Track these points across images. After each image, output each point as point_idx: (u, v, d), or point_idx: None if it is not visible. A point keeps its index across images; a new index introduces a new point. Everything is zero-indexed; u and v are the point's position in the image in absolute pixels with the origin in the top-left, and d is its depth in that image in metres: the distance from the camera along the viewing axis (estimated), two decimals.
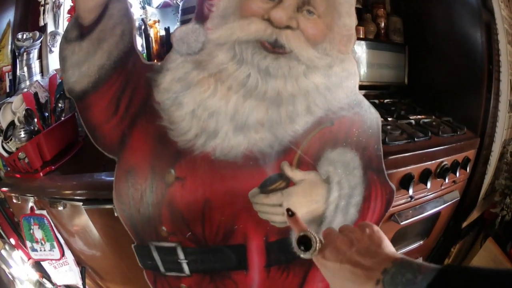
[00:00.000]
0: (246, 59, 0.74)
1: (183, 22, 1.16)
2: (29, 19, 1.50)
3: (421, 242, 1.25)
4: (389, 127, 1.10)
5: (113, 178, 0.81)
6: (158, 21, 1.21)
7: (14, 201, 1.10)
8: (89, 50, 0.79)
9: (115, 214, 0.84)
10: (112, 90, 0.78)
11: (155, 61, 1.15)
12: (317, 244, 0.55)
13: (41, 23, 1.48)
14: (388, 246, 0.52)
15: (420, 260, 0.46)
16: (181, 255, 0.82)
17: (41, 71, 1.47)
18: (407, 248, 1.21)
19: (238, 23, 0.74)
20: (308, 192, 0.78)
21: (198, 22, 0.75)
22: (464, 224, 1.33)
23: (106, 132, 0.80)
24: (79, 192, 0.98)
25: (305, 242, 0.56)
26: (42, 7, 1.49)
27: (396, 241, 1.13)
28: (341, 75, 0.79)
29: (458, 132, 1.17)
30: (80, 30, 0.80)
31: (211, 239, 0.80)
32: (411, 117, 1.22)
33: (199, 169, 0.75)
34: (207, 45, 0.75)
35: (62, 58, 0.82)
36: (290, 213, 0.64)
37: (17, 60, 1.45)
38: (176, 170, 0.76)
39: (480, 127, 1.25)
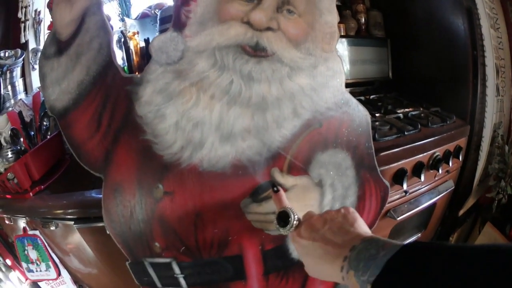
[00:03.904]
0: (227, 65, 0.72)
1: (162, 32, 1.14)
2: (11, 36, 1.48)
3: (419, 234, 1.25)
4: (377, 123, 1.09)
5: None
6: (138, 33, 1.19)
7: (7, 222, 1.08)
8: (68, 65, 0.77)
9: (107, 232, 0.82)
10: (93, 106, 0.76)
11: (137, 73, 1.13)
12: (294, 221, 0.58)
13: (23, 40, 1.45)
14: (361, 226, 0.54)
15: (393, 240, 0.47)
16: (176, 270, 0.80)
17: (25, 89, 1.45)
18: (406, 242, 1.20)
19: (216, 28, 0.71)
20: (301, 197, 0.77)
21: (176, 30, 0.72)
22: (461, 212, 1.33)
23: (90, 149, 0.78)
24: (70, 211, 0.96)
25: (285, 218, 0.59)
26: (23, 24, 1.46)
27: (394, 236, 1.12)
28: (326, 74, 0.77)
29: (448, 122, 1.17)
30: (58, 45, 0.78)
31: (206, 252, 0.78)
32: (398, 111, 1.21)
33: (187, 182, 0.73)
34: (186, 53, 0.72)
35: (42, 76, 0.79)
36: (275, 189, 0.69)
37: (1, 79, 1.42)
38: (164, 185, 0.74)
39: (469, 114, 1.24)
